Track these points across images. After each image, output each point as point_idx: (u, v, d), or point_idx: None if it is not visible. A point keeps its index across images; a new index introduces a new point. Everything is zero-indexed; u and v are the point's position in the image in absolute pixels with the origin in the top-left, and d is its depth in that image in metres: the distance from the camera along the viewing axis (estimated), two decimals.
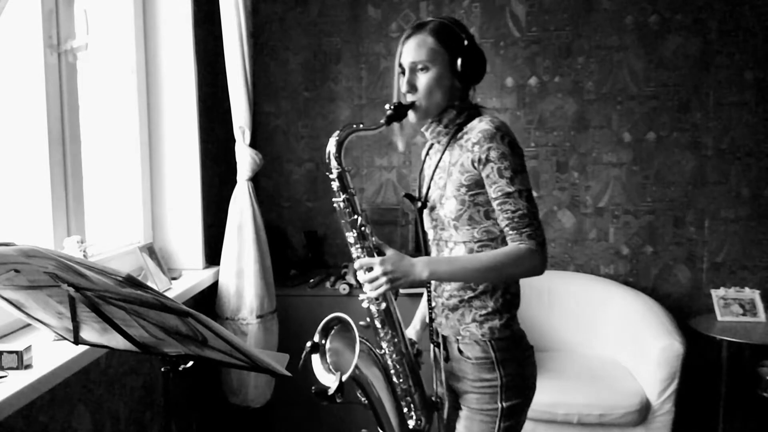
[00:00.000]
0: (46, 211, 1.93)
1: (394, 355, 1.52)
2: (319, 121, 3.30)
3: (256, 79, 3.17)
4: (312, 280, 2.98)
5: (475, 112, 1.54)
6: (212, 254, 2.78)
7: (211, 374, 2.78)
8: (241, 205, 2.71)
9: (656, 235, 3.20)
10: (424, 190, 1.59)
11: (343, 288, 2.82)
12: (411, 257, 1.44)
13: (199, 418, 2.70)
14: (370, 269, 1.43)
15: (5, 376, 1.43)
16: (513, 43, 3.20)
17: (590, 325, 3.02)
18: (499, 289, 1.51)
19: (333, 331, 1.50)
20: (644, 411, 2.56)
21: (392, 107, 1.48)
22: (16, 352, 1.47)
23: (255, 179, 2.77)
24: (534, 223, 1.41)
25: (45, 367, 1.50)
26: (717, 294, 3.03)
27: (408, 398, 1.55)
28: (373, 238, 1.50)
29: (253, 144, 2.75)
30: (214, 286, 2.71)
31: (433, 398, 1.56)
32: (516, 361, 1.53)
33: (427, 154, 1.68)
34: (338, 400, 1.38)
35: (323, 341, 1.49)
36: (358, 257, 1.48)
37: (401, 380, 1.54)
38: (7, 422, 1.44)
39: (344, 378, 1.38)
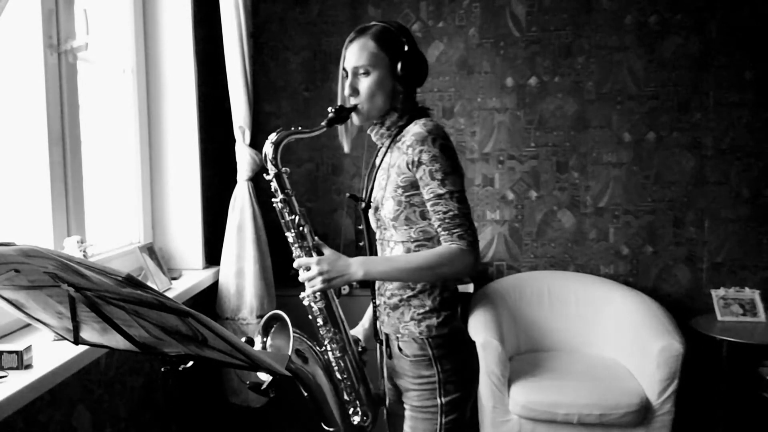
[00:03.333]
0: (46, 211, 1.93)
1: (336, 352, 1.56)
2: (319, 121, 3.26)
3: (256, 79, 3.17)
4: None
5: (418, 114, 1.56)
6: (212, 254, 2.78)
7: (211, 374, 2.78)
8: (241, 205, 2.71)
9: (656, 235, 3.20)
10: (367, 191, 1.63)
11: (343, 288, 2.81)
12: (348, 257, 1.49)
13: (199, 418, 2.70)
14: (308, 269, 1.49)
15: (5, 376, 1.43)
16: (513, 43, 3.19)
17: (590, 325, 3.02)
18: (437, 288, 1.54)
19: (273, 329, 1.55)
20: (644, 411, 2.56)
21: (334, 110, 1.54)
22: (16, 352, 1.47)
23: (255, 179, 2.77)
24: (465, 224, 1.44)
25: (45, 367, 1.51)
26: (717, 294, 3.03)
27: (353, 394, 1.59)
28: (315, 238, 1.54)
29: (253, 144, 2.75)
30: (214, 286, 2.71)
31: (381, 394, 1.63)
32: (453, 357, 1.55)
33: (376, 154, 1.69)
34: (271, 395, 1.43)
35: (264, 339, 1.54)
36: (298, 257, 1.53)
37: (345, 377, 1.58)
38: (7, 422, 1.44)
39: (276, 373, 1.40)
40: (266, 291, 2.71)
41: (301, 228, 1.53)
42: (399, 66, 1.51)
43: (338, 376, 1.58)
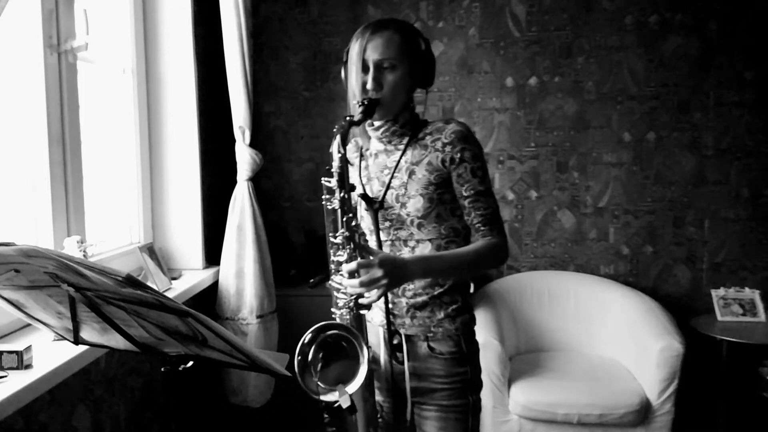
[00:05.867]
0: (46, 211, 1.93)
1: None
2: (319, 121, 3.30)
3: (256, 79, 3.17)
4: (312, 280, 2.94)
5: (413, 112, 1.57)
6: (212, 254, 2.78)
7: (211, 374, 2.78)
8: (241, 205, 2.71)
9: (656, 235, 3.20)
10: (373, 191, 1.56)
11: None
12: (399, 257, 1.42)
13: (199, 418, 2.70)
14: (359, 273, 1.37)
15: (5, 376, 1.43)
16: (513, 43, 3.19)
17: (590, 325, 3.02)
18: (463, 286, 1.56)
19: (317, 341, 1.41)
20: (644, 411, 2.56)
21: (367, 102, 1.46)
22: (16, 352, 1.47)
23: (255, 179, 2.77)
24: (500, 220, 1.52)
25: (45, 367, 1.50)
26: (717, 294, 3.03)
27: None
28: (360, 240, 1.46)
29: (253, 144, 2.75)
30: (214, 286, 2.71)
31: (408, 398, 1.56)
32: (477, 353, 1.58)
33: (362, 155, 1.62)
34: (352, 414, 1.33)
35: (309, 350, 1.40)
36: (346, 261, 1.42)
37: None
38: (7, 422, 1.44)
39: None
40: (266, 291, 2.71)
41: (355, 228, 1.44)
42: (421, 64, 1.51)
43: None
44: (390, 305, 1.55)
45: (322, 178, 1.45)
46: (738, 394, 3.01)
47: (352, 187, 1.44)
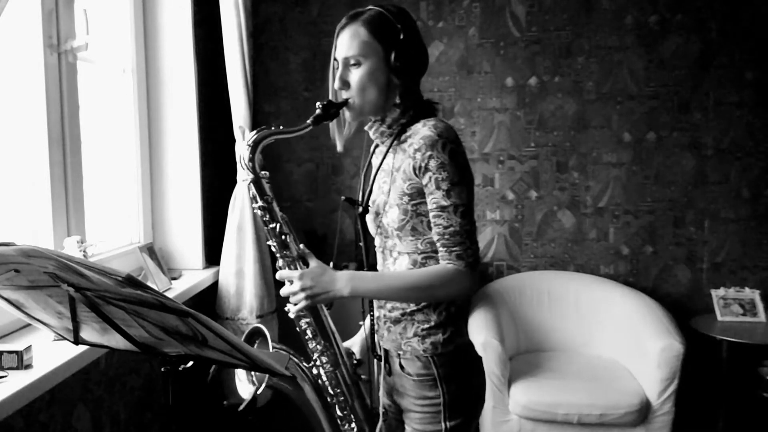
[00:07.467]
0: (46, 211, 1.93)
1: (328, 366, 1.44)
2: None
3: (256, 79, 3.17)
4: None
5: (423, 109, 1.41)
6: (212, 254, 2.78)
7: (210, 374, 2.78)
8: (241, 205, 2.71)
9: (656, 235, 3.20)
10: (365, 194, 1.47)
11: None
12: (335, 271, 1.36)
13: (199, 418, 2.70)
14: (291, 282, 1.37)
15: (5, 376, 1.43)
16: (513, 43, 3.19)
17: (590, 325, 3.02)
18: (443, 302, 1.40)
19: (257, 343, 1.44)
20: (644, 411, 2.56)
21: (321, 106, 1.38)
22: (16, 352, 1.47)
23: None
24: (465, 242, 1.31)
25: (45, 367, 1.51)
26: (717, 294, 3.03)
27: (347, 410, 1.46)
28: (300, 247, 1.41)
29: None
30: (214, 286, 2.71)
31: (380, 409, 1.47)
32: (460, 376, 1.42)
33: (373, 153, 1.55)
34: (249, 417, 1.36)
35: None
36: (281, 268, 1.40)
37: (338, 391, 1.45)
38: (7, 422, 1.44)
39: (258, 392, 1.34)
40: (266, 291, 2.71)
41: (283, 237, 1.39)
42: (393, 56, 1.34)
43: (330, 391, 1.45)
44: (375, 314, 1.48)
45: (248, 188, 1.41)
46: (738, 394, 3.01)
47: (268, 199, 1.40)
